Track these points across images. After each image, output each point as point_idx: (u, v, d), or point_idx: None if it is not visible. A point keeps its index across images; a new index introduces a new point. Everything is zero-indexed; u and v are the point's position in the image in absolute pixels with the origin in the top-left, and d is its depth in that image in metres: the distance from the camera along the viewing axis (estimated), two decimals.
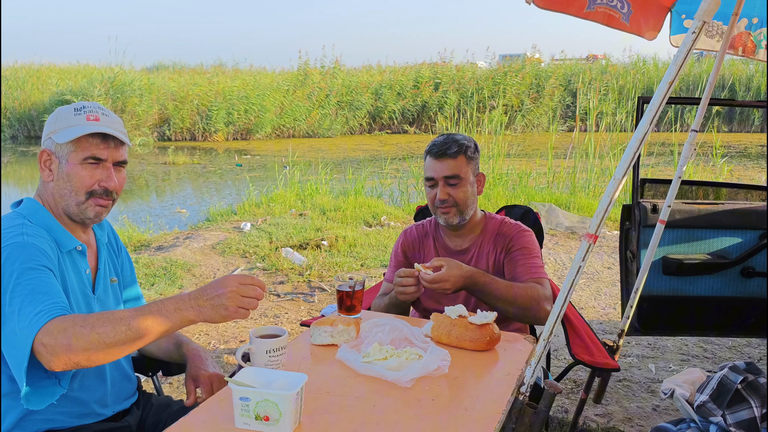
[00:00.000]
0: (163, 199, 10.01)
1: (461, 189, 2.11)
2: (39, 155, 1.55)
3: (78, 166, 1.52)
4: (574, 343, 2.24)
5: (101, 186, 1.54)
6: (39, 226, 1.50)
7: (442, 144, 2.12)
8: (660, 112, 1.51)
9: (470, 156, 2.13)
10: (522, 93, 19.30)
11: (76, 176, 1.52)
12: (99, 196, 1.54)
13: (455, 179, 2.10)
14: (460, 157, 2.11)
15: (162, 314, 1.30)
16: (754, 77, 18.79)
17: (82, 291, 1.55)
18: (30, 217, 1.51)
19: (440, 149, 2.11)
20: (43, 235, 1.48)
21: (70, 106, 1.56)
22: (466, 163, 2.12)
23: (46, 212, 1.54)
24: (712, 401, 1.96)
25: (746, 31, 2.87)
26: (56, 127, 1.53)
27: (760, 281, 3.10)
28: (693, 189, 3.34)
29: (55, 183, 1.54)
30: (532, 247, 2.16)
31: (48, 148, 1.54)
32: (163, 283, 4.83)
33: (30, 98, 17.46)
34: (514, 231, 2.18)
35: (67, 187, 1.52)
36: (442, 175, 2.10)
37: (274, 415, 1.23)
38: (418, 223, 2.34)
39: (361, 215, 7.08)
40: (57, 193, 1.54)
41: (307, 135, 18.41)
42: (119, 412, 1.65)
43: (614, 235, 6.38)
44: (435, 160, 2.12)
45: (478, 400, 1.42)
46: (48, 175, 1.54)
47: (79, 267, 1.56)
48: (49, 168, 1.54)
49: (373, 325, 1.76)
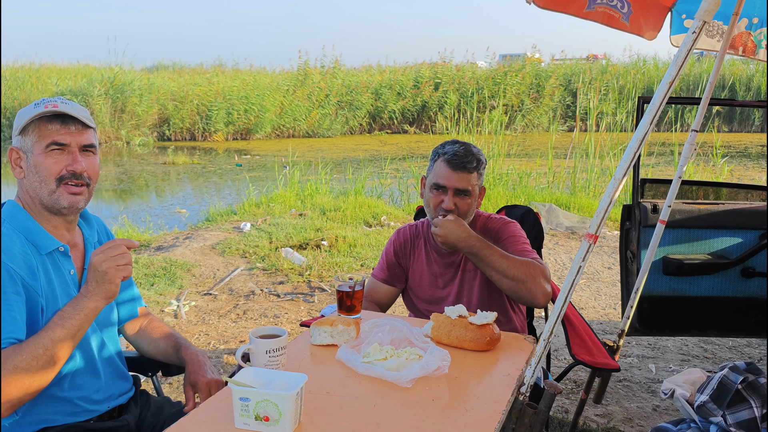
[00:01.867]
0: (163, 199, 10.01)
1: (468, 201, 2.11)
2: (8, 155, 1.55)
3: (42, 155, 1.51)
4: (574, 343, 2.23)
5: (69, 170, 1.52)
6: (17, 229, 1.49)
7: (463, 156, 2.08)
8: (660, 112, 1.51)
9: (481, 172, 2.14)
10: (522, 93, 19.29)
11: (42, 165, 1.51)
12: (69, 182, 1.53)
13: (466, 193, 2.09)
14: (475, 173, 2.10)
15: (66, 319, 1.41)
16: (754, 77, 18.79)
17: (66, 292, 1.53)
18: (9, 220, 1.51)
19: (460, 161, 2.07)
20: (20, 242, 1.47)
21: (34, 103, 1.56)
22: (477, 178, 2.12)
23: (25, 213, 1.53)
24: (712, 401, 1.95)
25: (746, 31, 2.87)
26: (17, 123, 1.54)
27: (761, 281, 3.10)
28: (693, 189, 3.34)
29: (27, 179, 1.53)
30: (518, 235, 2.16)
31: (15, 146, 1.54)
32: (163, 283, 4.83)
33: (30, 98, 17.41)
34: (499, 224, 2.19)
35: (37, 179, 1.52)
36: (455, 187, 2.08)
37: (274, 416, 1.23)
38: (412, 224, 2.34)
39: (361, 215, 7.08)
40: (30, 187, 1.53)
41: (307, 135, 18.41)
42: (116, 408, 1.64)
43: (614, 235, 6.39)
44: (451, 170, 2.08)
45: (478, 400, 1.42)
46: (19, 172, 1.54)
47: (62, 268, 1.55)
48: (19, 165, 1.54)
49: (373, 326, 1.76)
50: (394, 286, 2.30)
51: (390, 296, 2.32)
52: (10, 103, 17.21)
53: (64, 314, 1.42)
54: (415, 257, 2.27)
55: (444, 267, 2.22)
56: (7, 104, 17.13)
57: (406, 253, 2.28)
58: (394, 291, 2.31)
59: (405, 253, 2.29)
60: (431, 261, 2.24)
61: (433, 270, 2.23)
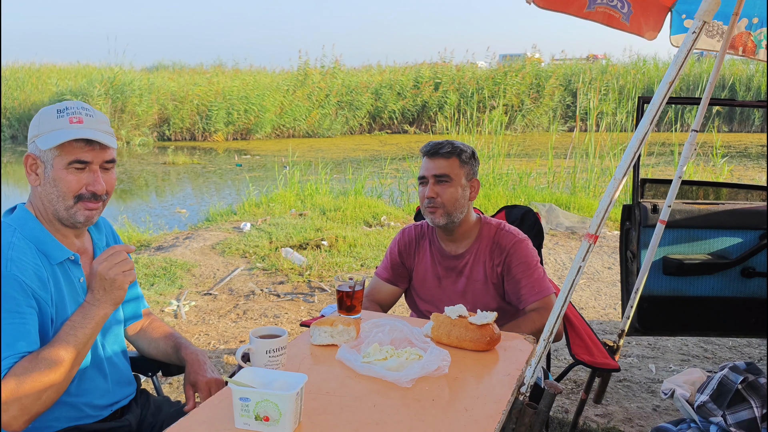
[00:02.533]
0: (163, 199, 10.01)
1: (450, 189, 2.09)
2: (24, 160, 1.51)
3: (63, 171, 1.47)
4: (574, 343, 2.24)
5: (89, 190, 1.50)
6: (28, 239, 1.47)
7: (436, 144, 2.13)
8: (660, 112, 1.51)
9: (464, 160, 2.12)
10: (522, 93, 19.29)
11: (62, 181, 1.48)
12: (87, 200, 1.51)
13: (445, 178, 2.09)
14: (453, 159, 2.10)
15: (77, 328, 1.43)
16: (754, 77, 18.78)
17: (76, 300, 1.52)
18: (21, 229, 1.48)
19: (433, 148, 2.12)
20: (31, 252, 1.45)
21: (53, 106, 1.51)
22: (458, 166, 2.11)
23: (37, 222, 1.51)
24: (712, 401, 1.95)
25: (746, 31, 2.87)
26: (39, 130, 1.49)
27: (761, 281, 3.10)
28: (693, 189, 3.34)
29: (42, 187, 1.50)
30: (530, 258, 2.13)
31: (32, 153, 1.50)
32: (163, 283, 4.83)
33: (30, 98, 17.45)
34: (510, 243, 2.14)
35: (54, 192, 1.49)
36: (432, 173, 2.10)
37: (274, 416, 1.23)
38: (417, 224, 2.33)
39: (361, 215, 7.08)
40: (45, 197, 1.50)
41: (307, 135, 18.41)
42: (117, 410, 1.64)
43: (614, 235, 6.38)
44: (428, 159, 2.13)
45: (478, 400, 1.41)
46: (35, 179, 1.51)
47: (72, 276, 1.53)
48: (35, 172, 1.51)
49: (373, 326, 1.76)
50: (397, 285, 2.29)
51: (393, 296, 2.31)
52: (10, 103, 17.23)
53: (75, 324, 1.43)
54: (420, 257, 2.26)
55: (448, 269, 2.21)
56: (7, 104, 17.14)
57: (410, 252, 2.28)
58: (397, 291, 2.30)
59: (409, 253, 2.28)
60: (435, 262, 2.23)
61: (437, 271, 2.22)
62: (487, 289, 2.16)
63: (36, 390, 1.33)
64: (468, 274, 2.17)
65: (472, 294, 2.17)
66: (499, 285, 2.15)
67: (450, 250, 2.21)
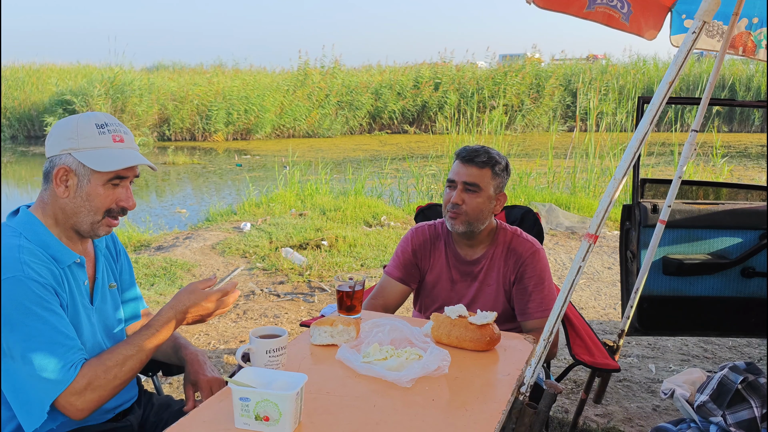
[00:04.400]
0: (163, 199, 10.01)
1: (477, 200, 2.06)
2: (56, 171, 1.45)
3: (101, 187, 1.47)
4: (574, 343, 2.24)
5: (120, 206, 1.51)
6: (35, 243, 1.45)
7: (473, 150, 2.09)
8: (660, 112, 1.51)
9: (497, 172, 2.09)
10: (522, 93, 19.28)
11: (97, 197, 1.47)
12: (115, 216, 1.52)
13: (474, 187, 2.06)
14: (486, 169, 2.07)
15: (157, 329, 1.51)
16: (754, 77, 18.78)
17: (82, 303, 1.52)
18: (26, 233, 1.46)
19: (469, 154, 2.08)
20: (41, 256, 1.43)
21: (88, 119, 1.48)
22: (490, 177, 2.07)
23: (43, 227, 1.48)
24: (712, 401, 1.95)
25: (746, 31, 2.87)
26: (79, 144, 1.45)
27: (760, 281, 3.10)
28: (693, 189, 3.34)
29: (71, 200, 1.47)
30: (544, 273, 2.12)
31: (67, 165, 1.45)
32: (163, 283, 4.83)
33: (30, 98, 17.44)
34: (527, 253, 2.13)
35: (86, 206, 1.47)
36: (462, 180, 2.07)
37: (274, 416, 1.23)
38: (431, 223, 2.28)
39: (361, 215, 7.08)
40: (70, 210, 1.48)
41: (307, 135, 18.40)
42: (119, 413, 1.64)
43: (614, 235, 6.39)
44: (460, 163, 2.09)
45: (478, 400, 1.42)
46: (64, 191, 1.46)
47: (79, 279, 1.53)
48: (65, 184, 1.46)
49: (373, 325, 1.76)
50: (408, 285, 2.24)
51: (403, 296, 2.26)
52: (10, 103, 17.22)
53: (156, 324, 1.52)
54: (435, 259, 2.22)
55: (464, 274, 2.19)
56: (7, 104, 17.13)
57: (425, 253, 2.23)
58: (407, 290, 2.26)
59: (425, 254, 2.23)
60: (450, 266, 2.20)
61: (451, 275, 2.20)
62: (498, 294, 2.15)
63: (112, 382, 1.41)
64: (482, 279, 2.16)
65: (482, 298, 2.16)
66: (509, 291, 2.15)
67: (466, 254, 2.19)
